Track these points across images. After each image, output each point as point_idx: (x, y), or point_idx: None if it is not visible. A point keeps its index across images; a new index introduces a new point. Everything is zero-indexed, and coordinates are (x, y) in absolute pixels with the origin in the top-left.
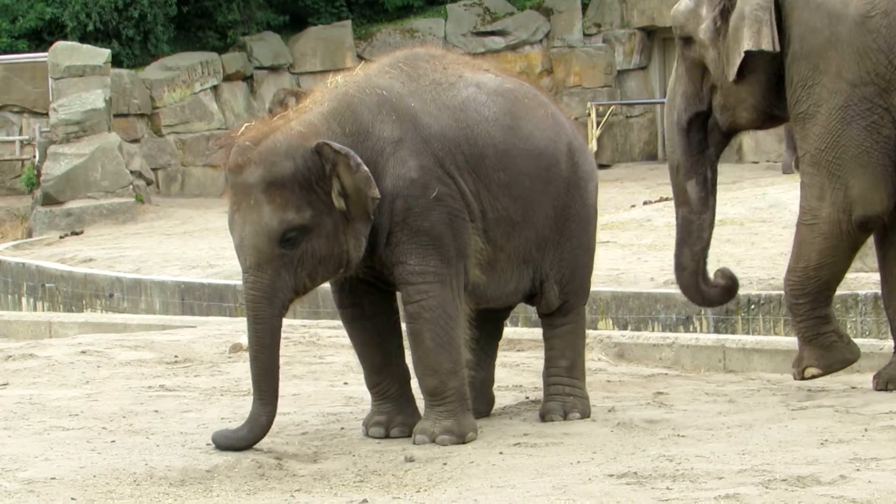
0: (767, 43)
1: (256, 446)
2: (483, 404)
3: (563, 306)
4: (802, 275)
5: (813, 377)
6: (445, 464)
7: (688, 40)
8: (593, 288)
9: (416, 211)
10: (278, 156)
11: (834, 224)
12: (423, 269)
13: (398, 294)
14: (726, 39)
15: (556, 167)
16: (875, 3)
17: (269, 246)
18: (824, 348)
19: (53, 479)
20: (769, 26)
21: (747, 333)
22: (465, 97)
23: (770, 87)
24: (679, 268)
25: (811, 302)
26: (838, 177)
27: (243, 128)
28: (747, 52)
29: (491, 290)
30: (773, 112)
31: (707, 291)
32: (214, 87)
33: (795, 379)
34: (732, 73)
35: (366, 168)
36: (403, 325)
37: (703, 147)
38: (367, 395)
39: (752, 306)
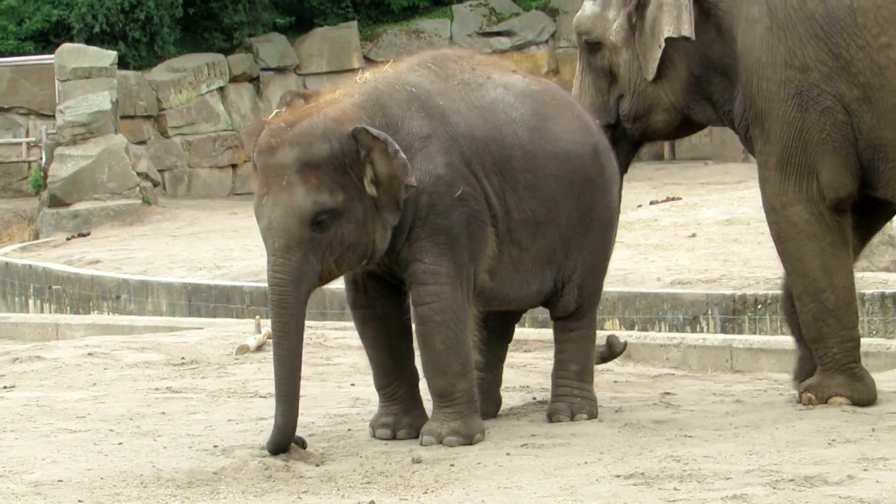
0: (688, 29)
1: (264, 446)
2: (490, 405)
3: (578, 310)
4: (813, 292)
5: (840, 405)
6: (453, 465)
7: (594, 47)
8: None
9: (438, 208)
10: (315, 137)
11: (816, 219)
12: (435, 270)
13: (409, 293)
14: (642, 36)
15: (581, 169)
16: None
17: (300, 228)
18: (857, 379)
19: (60, 481)
20: (689, 12)
21: (754, 333)
22: (493, 98)
23: (689, 86)
24: None
25: (838, 320)
26: (808, 166)
27: (273, 113)
28: (668, 40)
29: (514, 292)
30: (688, 114)
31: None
32: (221, 89)
33: (803, 402)
34: (652, 69)
35: (403, 155)
36: (413, 326)
37: None
38: (374, 397)
39: (759, 306)
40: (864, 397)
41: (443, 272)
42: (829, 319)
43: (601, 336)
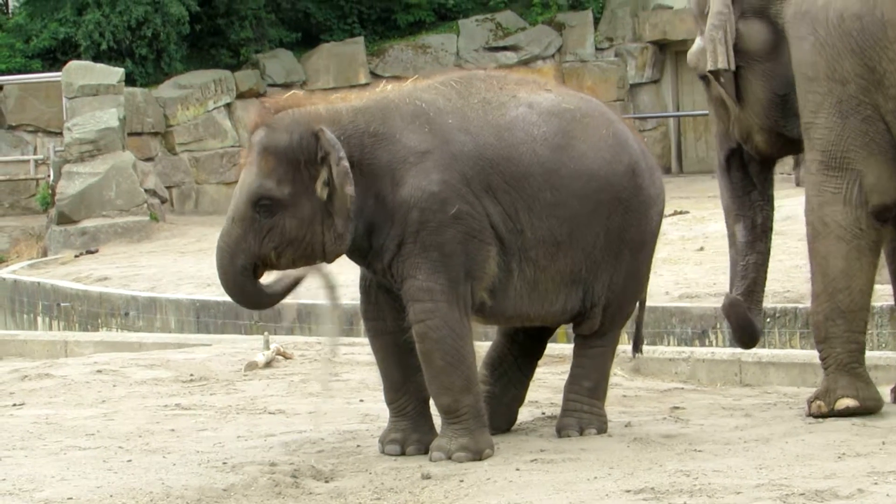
0: (723, 61)
1: (273, 462)
2: (504, 421)
3: (601, 328)
4: (831, 291)
5: (847, 408)
6: (462, 480)
7: (706, 80)
8: None
9: (431, 225)
10: (280, 126)
11: (852, 223)
12: (429, 287)
13: (406, 311)
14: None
15: (609, 189)
16: (848, 5)
17: (244, 205)
18: (862, 380)
19: (70, 499)
20: (723, 44)
21: (763, 347)
22: (514, 116)
23: (772, 108)
24: (727, 305)
25: (847, 322)
26: (850, 170)
27: (289, 93)
28: (712, 72)
29: (534, 310)
30: (783, 133)
31: (756, 329)
32: (228, 105)
33: (813, 413)
34: (728, 98)
35: (346, 164)
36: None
37: (746, 187)
38: (383, 413)
39: (768, 319)
40: (869, 397)
41: (437, 289)
42: (838, 320)
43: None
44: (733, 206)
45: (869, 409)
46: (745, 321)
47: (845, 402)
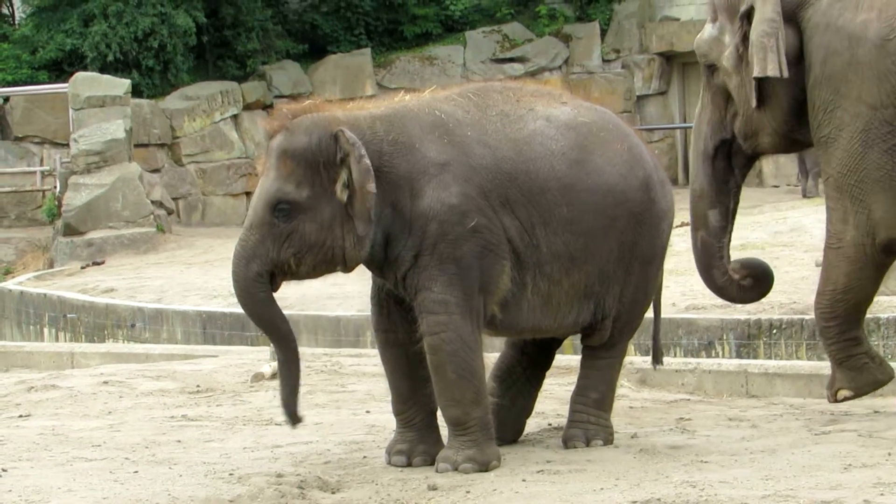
0: (773, 69)
1: (279, 474)
2: (511, 432)
3: (609, 340)
4: (831, 298)
5: (846, 398)
6: (468, 492)
7: (712, 68)
8: None
9: (449, 238)
10: (299, 129)
11: (858, 247)
12: (444, 299)
13: (419, 322)
14: (748, 66)
15: (625, 203)
16: (893, 27)
17: (263, 210)
18: (855, 370)
19: None
20: (774, 52)
21: (769, 358)
22: (531, 130)
23: (791, 113)
24: (716, 289)
25: (841, 325)
26: (861, 200)
27: (307, 102)
28: (759, 79)
29: (547, 323)
30: (794, 137)
31: (746, 294)
32: (234, 117)
33: (829, 402)
34: (752, 99)
35: (368, 162)
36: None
37: (727, 175)
38: (390, 424)
39: (775, 331)
40: (863, 384)
41: (452, 301)
42: (833, 322)
43: None
44: (710, 193)
45: (866, 392)
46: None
47: (843, 394)
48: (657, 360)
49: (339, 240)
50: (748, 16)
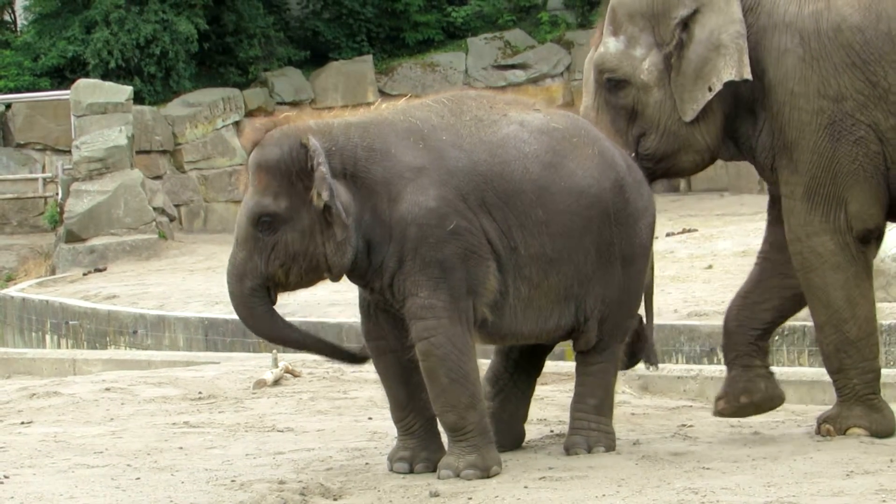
0: (748, 72)
1: (282, 480)
2: (510, 439)
3: (599, 344)
4: (836, 322)
5: (857, 435)
6: (470, 498)
7: (618, 84)
8: None
9: (430, 241)
10: (270, 142)
11: (844, 249)
12: (431, 304)
13: (409, 329)
14: (680, 77)
15: (598, 205)
16: (845, 17)
17: (246, 225)
18: (877, 410)
19: None
20: (746, 53)
21: (772, 365)
22: (505, 134)
23: (721, 128)
24: None
25: (859, 351)
26: (837, 198)
27: (282, 116)
28: (727, 84)
29: (528, 327)
30: (715, 154)
31: None
32: (236, 123)
33: (823, 434)
34: (693, 110)
35: (325, 169)
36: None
37: None
38: (392, 430)
39: (776, 337)
40: (883, 428)
41: (439, 305)
42: (850, 350)
43: None
44: None
45: (882, 437)
46: None
47: (857, 432)
48: (650, 360)
49: (321, 247)
50: (686, 23)
